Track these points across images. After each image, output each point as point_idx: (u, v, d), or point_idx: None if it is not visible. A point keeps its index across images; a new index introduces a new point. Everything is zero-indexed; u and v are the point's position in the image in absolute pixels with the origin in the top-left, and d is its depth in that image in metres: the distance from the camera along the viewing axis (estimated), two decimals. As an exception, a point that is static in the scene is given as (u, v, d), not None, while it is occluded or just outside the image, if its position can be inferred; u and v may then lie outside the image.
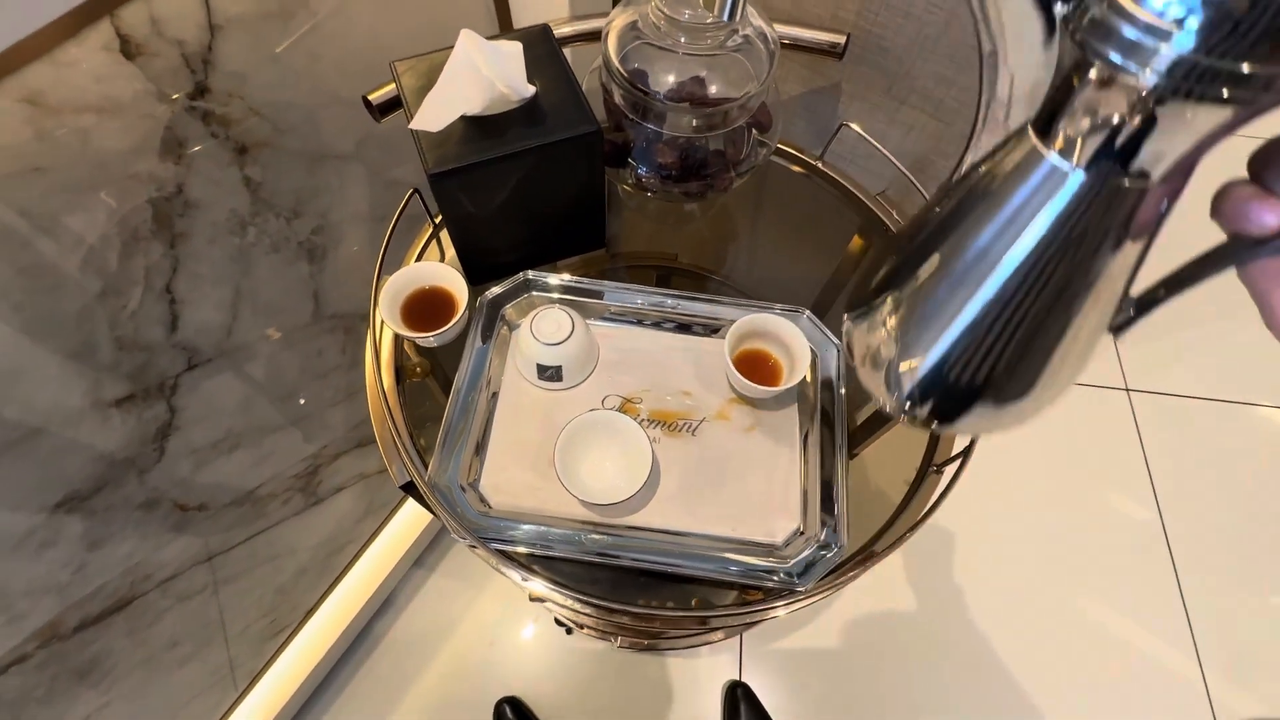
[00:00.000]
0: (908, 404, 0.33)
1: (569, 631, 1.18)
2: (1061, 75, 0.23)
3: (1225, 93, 0.19)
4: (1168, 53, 0.19)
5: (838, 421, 0.55)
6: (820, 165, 0.71)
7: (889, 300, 0.32)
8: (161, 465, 0.65)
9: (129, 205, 0.52)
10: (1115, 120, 0.22)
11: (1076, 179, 0.24)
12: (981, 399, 0.31)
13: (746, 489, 0.53)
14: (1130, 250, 0.26)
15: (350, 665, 1.14)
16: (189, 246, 0.57)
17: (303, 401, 0.81)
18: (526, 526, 0.50)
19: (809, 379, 0.56)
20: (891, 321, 0.32)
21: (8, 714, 0.61)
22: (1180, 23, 0.18)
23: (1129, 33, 0.19)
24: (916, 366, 0.32)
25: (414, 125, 0.46)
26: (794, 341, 0.55)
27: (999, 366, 0.30)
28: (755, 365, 0.56)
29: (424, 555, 1.23)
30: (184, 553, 0.74)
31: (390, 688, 1.14)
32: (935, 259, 0.30)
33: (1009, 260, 0.27)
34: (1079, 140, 0.24)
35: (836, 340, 0.58)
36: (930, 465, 0.57)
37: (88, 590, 0.64)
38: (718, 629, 0.79)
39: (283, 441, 0.81)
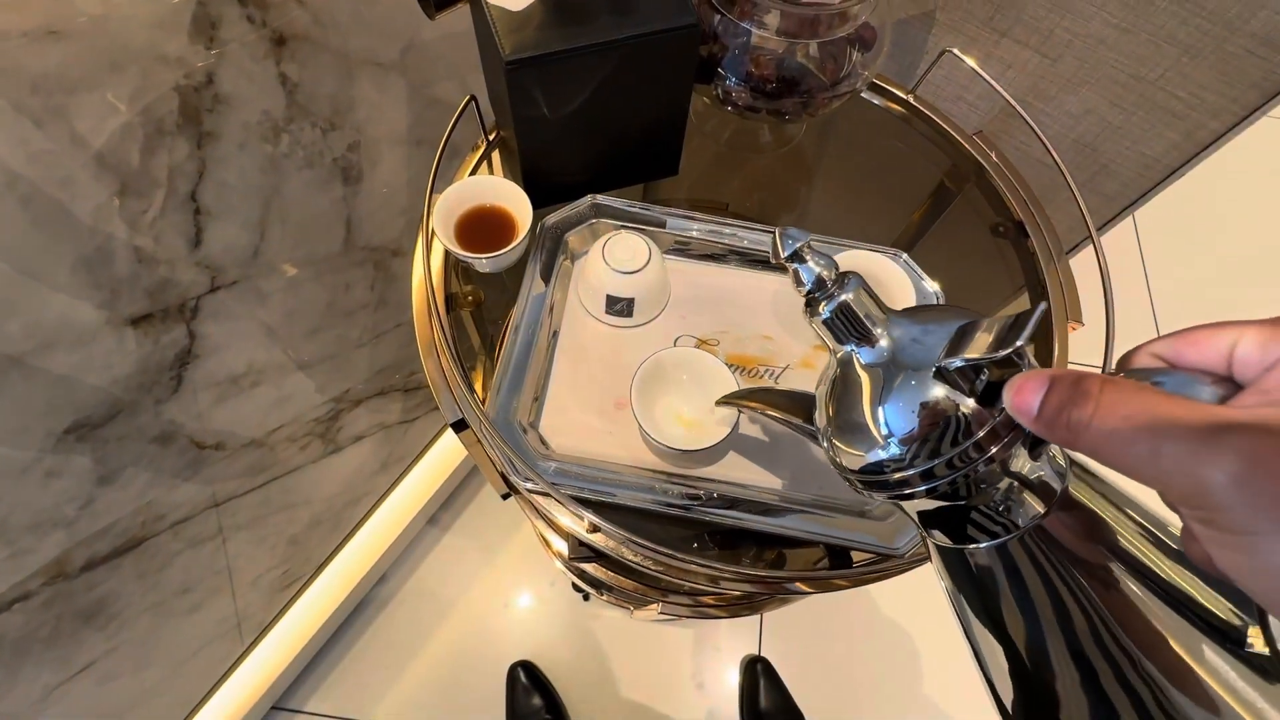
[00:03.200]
0: None
1: (586, 598, 1.15)
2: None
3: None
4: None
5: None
6: (911, 99, 0.64)
7: None
8: (179, 396, 0.60)
9: (153, 92, 0.45)
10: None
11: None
12: None
13: (834, 444, 0.48)
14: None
15: (360, 622, 1.11)
16: (217, 149, 0.51)
17: (331, 335, 0.75)
18: (591, 471, 0.45)
19: (906, 327, 0.51)
20: None
21: (11, 652, 0.56)
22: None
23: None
24: None
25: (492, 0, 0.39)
26: (895, 284, 0.49)
27: None
28: (845, 310, 0.51)
29: (438, 514, 1.19)
30: (197, 495, 0.69)
31: (401, 647, 1.11)
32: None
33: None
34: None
35: (934, 286, 0.52)
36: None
37: (96, 527, 0.59)
38: (799, 595, 0.74)
39: (304, 382, 0.75)
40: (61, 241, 0.45)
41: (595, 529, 0.43)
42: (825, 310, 0.30)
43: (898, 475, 0.26)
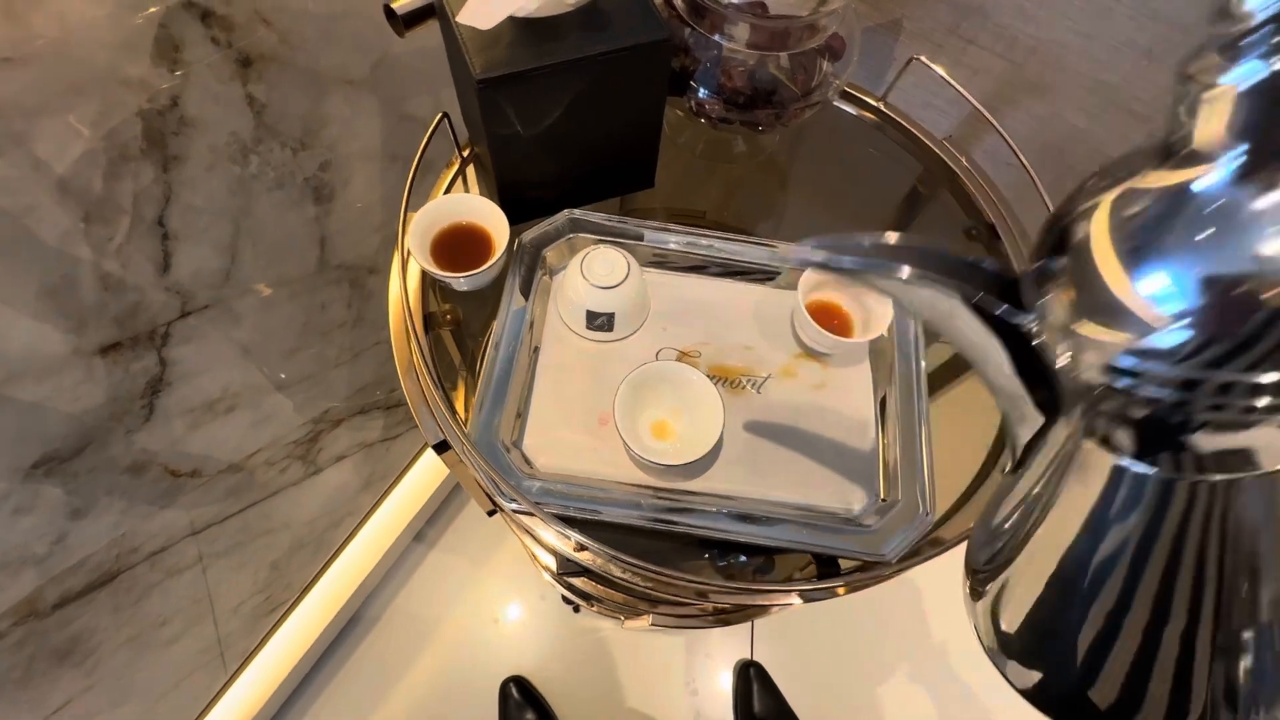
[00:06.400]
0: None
1: (576, 610, 1.14)
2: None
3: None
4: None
5: (918, 379, 0.50)
6: (882, 107, 0.65)
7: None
8: (151, 425, 0.59)
9: (117, 117, 0.44)
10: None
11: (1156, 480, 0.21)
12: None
13: (817, 453, 0.48)
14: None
15: (347, 644, 1.09)
16: (184, 172, 0.50)
17: (306, 356, 0.74)
18: (577, 489, 0.45)
19: (887, 335, 0.51)
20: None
21: (-20, 699, 0.54)
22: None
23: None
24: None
25: (461, 18, 0.39)
26: (871, 296, 0.49)
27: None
28: (824, 318, 0.51)
29: (424, 530, 1.17)
30: (174, 523, 0.67)
31: (389, 667, 1.09)
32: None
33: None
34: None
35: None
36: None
37: (69, 563, 0.57)
38: (784, 604, 0.74)
39: (282, 405, 0.74)
40: (26, 270, 0.44)
41: (582, 547, 0.43)
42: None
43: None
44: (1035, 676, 0.26)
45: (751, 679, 1.07)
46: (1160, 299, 0.18)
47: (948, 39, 0.68)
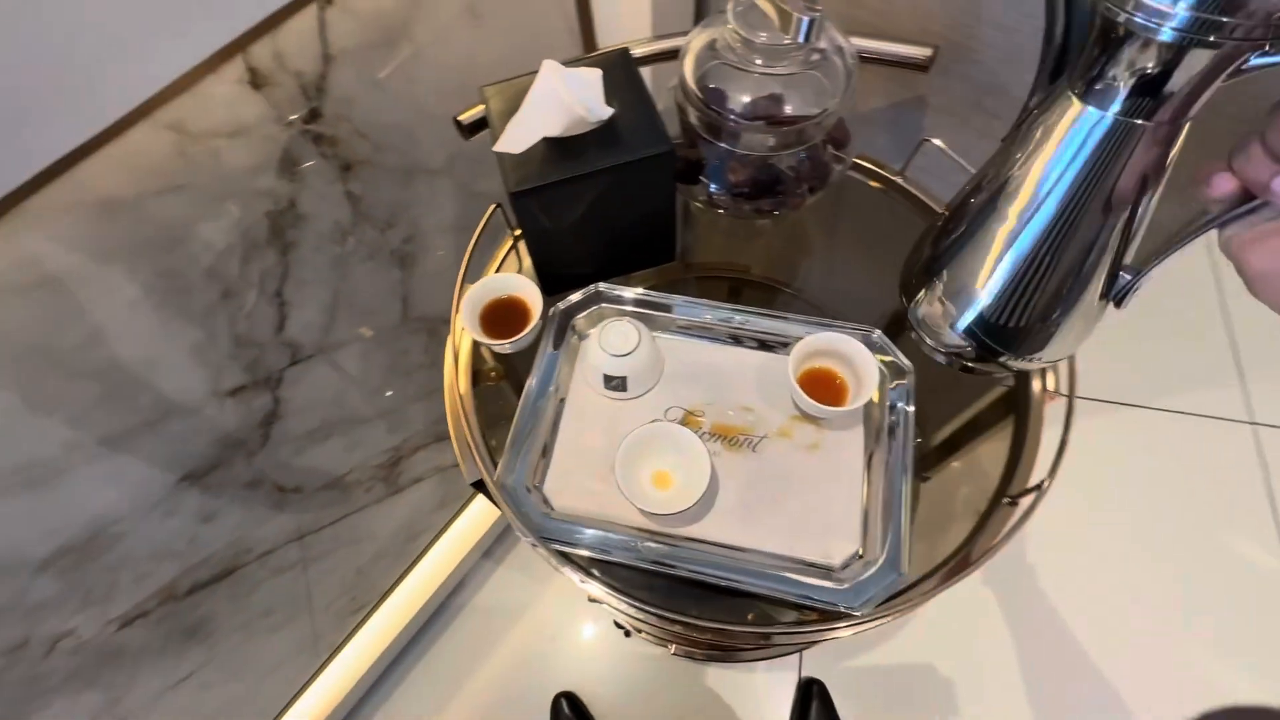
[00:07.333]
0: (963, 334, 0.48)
1: (627, 634, 1.20)
2: (1095, 39, 0.34)
3: (1213, 38, 0.30)
4: (1175, 12, 0.30)
5: (905, 444, 0.53)
6: (901, 181, 0.69)
7: (949, 248, 0.47)
8: (266, 449, 0.72)
9: (250, 218, 0.58)
10: (1141, 69, 0.33)
11: (1106, 122, 0.36)
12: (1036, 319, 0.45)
13: (805, 508, 0.53)
14: (1145, 185, 0.38)
15: (421, 646, 1.20)
16: (297, 254, 0.63)
17: (389, 394, 0.86)
18: (588, 531, 0.52)
19: (876, 399, 0.56)
20: (951, 268, 0.47)
21: (132, 661, 0.69)
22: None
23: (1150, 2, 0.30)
24: (977, 296, 0.46)
25: (497, 148, 0.49)
26: (861, 361, 0.54)
27: (1045, 290, 0.43)
28: (821, 383, 0.56)
29: (493, 547, 1.28)
30: (280, 530, 0.81)
31: (456, 670, 1.19)
32: (993, 206, 0.43)
33: (1055, 195, 0.39)
34: (1109, 90, 0.35)
35: (908, 363, 0.56)
36: (1004, 497, 0.55)
37: (199, 557, 0.71)
38: (775, 646, 0.78)
39: (369, 433, 0.87)
40: (181, 333, 0.58)
41: (585, 581, 0.50)
42: None
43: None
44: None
45: (813, 695, 1.08)
46: None
47: (972, 114, 0.72)
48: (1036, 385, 0.59)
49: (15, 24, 0.37)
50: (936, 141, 0.63)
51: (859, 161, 0.71)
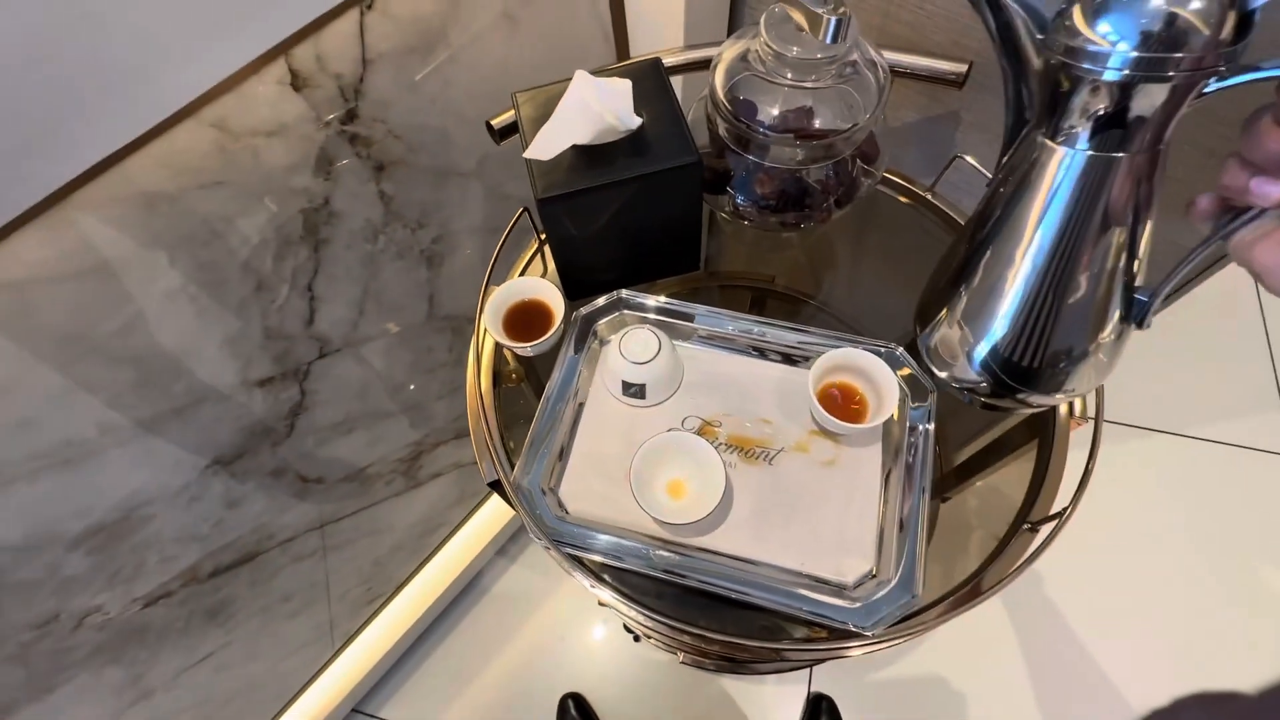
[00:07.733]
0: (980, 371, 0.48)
1: (636, 639, 1.20)
2: (1045, 86, 0.36)
3: (1165, 72, 0.31)
4: (1116, 57, 0.31)
5: (924, 464, 0.53)
6: (930, 196, 0.68)
7: (955, 289, 0.48)
8: (290, 440, 0.74)
9: (285, 215, 0.59)
10: (1096, 110, 0.34)
11: (1081, 159, 0.36)
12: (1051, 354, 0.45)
13: (819, 524, 0.53)
14: (1138, 210, 0.38)
15: (432, 639, 1.22)
16: (329, 251, 0.65)
17: (412, 388, 0.88)
18: (601, 536, 0.52)
19: (895, 417, 0.55)
20: (955, 308, 0.48)
21: (155, 638, 0.71)
22: (1117, 42, 0.31)
23: (1090, 49, 0.32)
24: (987, 335, 0.46)
25: (527, 155, 0.50)
26: (882, 378, 0.54)
27: (1056, 325, 0.43)
28: (842, 399, 0.56)
29: (507, 545, 1.29)
30: (302, 518, 0.83)
31: (466, 664, 1.21)
32: (989, 246, 0.44)
33: (1047, 233, 0.40)
34: (1075, 130, 0.36)
35: (930, 381, 0.56)
36: (1024, 522, 0.54)
37: (223, 542, 0.73)
38: (784, 661, 0.78)
39: (392, 427, 0.89)
40: (215, 324, 0.60)
41: (595, 585, 0.51)
42: None
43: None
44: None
45: (821, 711, 1.07)
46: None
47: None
48: (1063, 409, 0.58)
49: (76, 28, 0.38)
50: (969, 158, 0.62)
51: (888, 176, 0.70)
